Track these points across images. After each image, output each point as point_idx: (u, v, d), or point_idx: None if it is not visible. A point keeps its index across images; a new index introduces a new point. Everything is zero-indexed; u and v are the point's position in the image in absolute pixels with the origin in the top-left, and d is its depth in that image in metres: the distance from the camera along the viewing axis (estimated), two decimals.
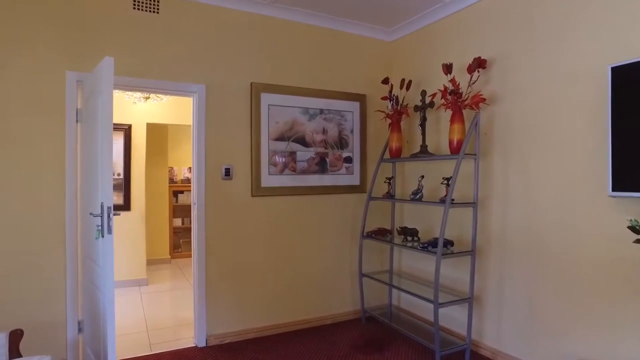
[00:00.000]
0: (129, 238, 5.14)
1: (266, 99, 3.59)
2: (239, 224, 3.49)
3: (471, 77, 3.00)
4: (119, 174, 5.08)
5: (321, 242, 3.85)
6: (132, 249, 5.16)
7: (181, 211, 7.10)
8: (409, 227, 3.70)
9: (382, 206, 4.09)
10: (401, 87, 3.67)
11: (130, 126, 5.13)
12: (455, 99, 3.01)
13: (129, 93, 4.10)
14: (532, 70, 2.78)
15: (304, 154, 3.77)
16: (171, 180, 6.94)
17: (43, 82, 2.88)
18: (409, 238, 3.55)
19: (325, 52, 3.87)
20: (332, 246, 3.90)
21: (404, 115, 3.69)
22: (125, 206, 5.11)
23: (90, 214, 2.43)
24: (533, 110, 2.77)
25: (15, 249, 2.80)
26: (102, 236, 2.31)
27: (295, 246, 3.73)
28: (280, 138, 3.66)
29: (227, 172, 3.42)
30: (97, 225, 2.32)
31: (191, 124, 3.42)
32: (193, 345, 3.35)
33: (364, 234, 3.80)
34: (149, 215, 5.97)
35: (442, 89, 3.13)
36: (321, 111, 3.85)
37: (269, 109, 3.61)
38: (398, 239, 3.66)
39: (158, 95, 4.30)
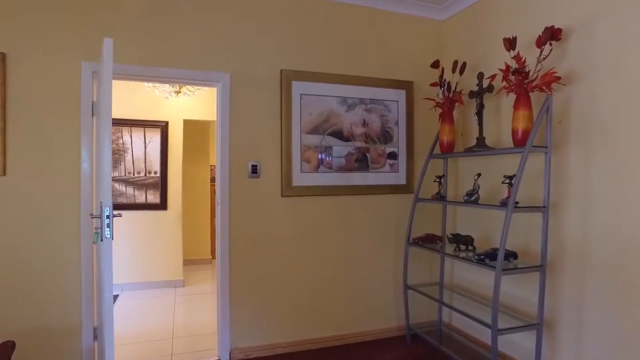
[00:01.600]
0: (165, 238, 5.00)
1: (298, 87, 3.22)
2: (268, 227, 3.14)
3: (541, 52, 2.43)
4: (155, 173, 4.95)
5: (360, 248, 3.41)
6: (168, 249, 5.02)
7: None
8: (462, 234, 3.17)
9: (431, 209, 3.58)
10: (453, 71, 3.15)
11: (167, 123, 4.99)
12: (520, 79, 2.46)
13: (158, 87, 3.93)
14: (623, 39, 2.17)
15: (342, 149, 3.36)
16: (213, 179, 6.80)
17: (58, 74, 2.70)
18: (462, 247, 3.02)
19: (366, 34, 3.43)
20: (373, 253, 3.45)
21: (457, 104, 3.16)
22: (162, 205, 4.97)
23: (90, 215, 2.18)
24: (628, 90, 2.16)
25: (26, 251, 2.64)
26: (101, 240, 2.05)
27: (330, 252, 3.32)
28: (314, 131, 3.27)
29: (254, 170, 3.09)
30: (96, 228, 2.06)
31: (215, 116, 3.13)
32: (216, 358, 3.05)
33: (410, 241, 3.32)
34: (189, 214, 5.84)
35: (504, 68, 2.58)
36: (361, 101, 3.42)
37: (301, 98, 3.24)
38: (449, 248, 3.15)
39: (189, 89, 4.09)
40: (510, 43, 2.57)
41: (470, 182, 3.18)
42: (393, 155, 3.53)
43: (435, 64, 3.24)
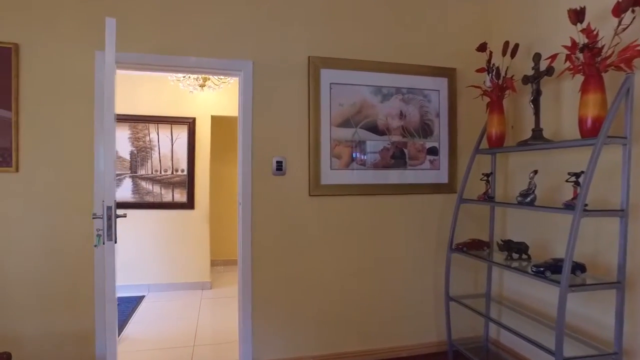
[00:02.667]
0: (192, 238, 4.83)
1: (327, 76, 2.92)
2: (293, 230, 2.87)
3: (619, 23, 2.01)
4: (182, 171, 4.80)
5: (397, 254, 3.08)
6: (194, 249, 4.85)
7: None
8: (514, 240, 2.77)
9: (477, 211, 3.19)
10: (504, 54, 2.76)
11: (194, 119, 4.82)
12: (590, 57, 2.05)
13: (182, 79, 3.74)
14: None
15: (376, 144, 3.03)
16: None
17: (70, 64, 2.53)
18: (515, 255, 2.62)
19: (402, 16, 3.09)
20: (410, 260, 3.11)
21: (507, 91, 2.77)
22: (189, 204, 4.81)
23: (94, 215, 1.97)
24: None
25: (37, 253, 2.49)
26: (103, 243, 1.84)
27: (363, 258, 3.01)
28: (345, 124, 2.97)
29: (279, 166, 2.82)
30: (98, 230, 1.85)
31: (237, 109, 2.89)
32: None
33: (453, 247, 2.95)
34: (217, 214, 5.68)
35: (569, 45, 2.18)
36: (398, 90, 3.08)
37: (330, 88, 2.94)
38: (499, 256, 2.75)
39: (214, 81, 3.89)
40: (577, 15, 2.16)
41: (521, 180, 2.78)
42: (433, 151, 3.16)
43: (482, 47, 2.85)
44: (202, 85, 3.86)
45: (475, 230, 3.17)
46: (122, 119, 4.64)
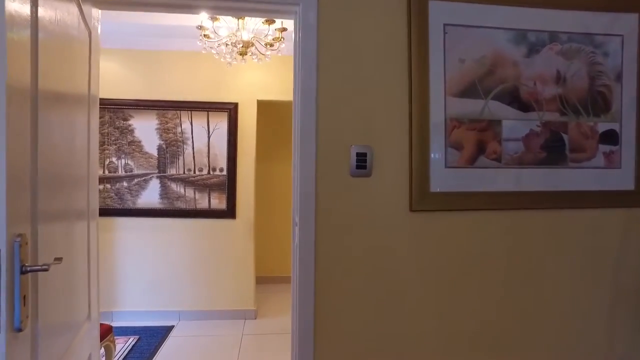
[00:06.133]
0: (232, 255, 3.84)
1: (440, 12, 1.77)
2: (383, 267, 1.73)
3: None
4: (221, 170, 3.81)
5: (552, 303, 1.85)
6: (235, 269, 3.85)
7: None
8: None
9: None
10: None
11: (236, 105, 3.82)
12: None
13: (215, 46, 2.74)
14: None
15: (518, 126, 1.84)
16: None
17: None
18: None
19: None
20: (575, 314, 1.87)
21: None
22: (229, 212, 3.81)
23: None
24: None
25: None
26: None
27: (501, 310, 1.81)
28: (468, 93, 1.79)
29: (362, 162, 1.70)
30: None
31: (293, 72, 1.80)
32: None
33: None
34: (264, 222, 4.67)
35: None
36: (553, 36, 1.86)
37: (444, 32, 1.78)
38: None
39: (258, 49, 2.84)
40: None
41: None
42: (611, 138, 1.91)
43: None
44: (242, 54, 2.81)
45: None
46: (149, 105, 3.73)
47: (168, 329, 3.59)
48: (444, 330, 1.78)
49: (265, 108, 4.26)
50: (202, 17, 2.64)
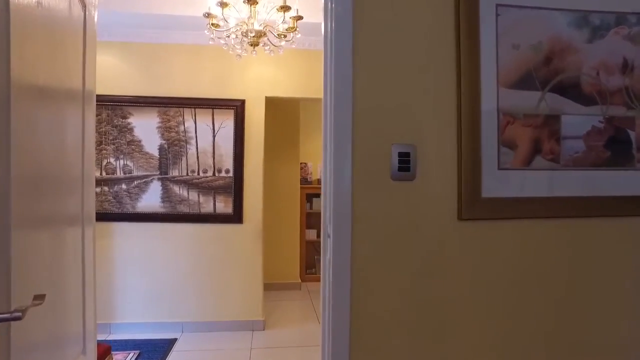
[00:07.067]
0: (239, 262, 3.60)
1: None
2: (428, 284, 1.49)
3: None
4: (227, 171, 3.57)
5: (624, 331, 1.61)
6: (242, 279, 3.61)
7: (316, 220, 5.38)
8: None
9: None
10: None
11: (242, 102, 3.58)
12: None
13: (224, 36, 2.49)
14: None
15: (579, 122, 1.60)
16: (304, 180, 5.28)
17: None
18: None
19: None
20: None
21: None
22: (236, 217, 3.57)
23: None
24: None
25: None
26: None
27: (567, 340, 1.57)
28: (523, 83, 1.55)
29: (404, 162, 1.45)
30: None
31: (322, 60, 1.55)
32: None
33: None
34: (272, 226, 4.42)
35: None
36: (620, 19, 1.62)
37: (497, 14, 1.54)
38: None
39: (270, 40, 2.58)
40: None
41: None
42: None
43: None
44: (254, 44, 2.56)
45: None
46: (149, 102, 3.48)
47: (171, 342, 3.34)
48: (504, 352, 1.53)
49: (273, 105, 4.02)
50: (210, 3, 2.40)
